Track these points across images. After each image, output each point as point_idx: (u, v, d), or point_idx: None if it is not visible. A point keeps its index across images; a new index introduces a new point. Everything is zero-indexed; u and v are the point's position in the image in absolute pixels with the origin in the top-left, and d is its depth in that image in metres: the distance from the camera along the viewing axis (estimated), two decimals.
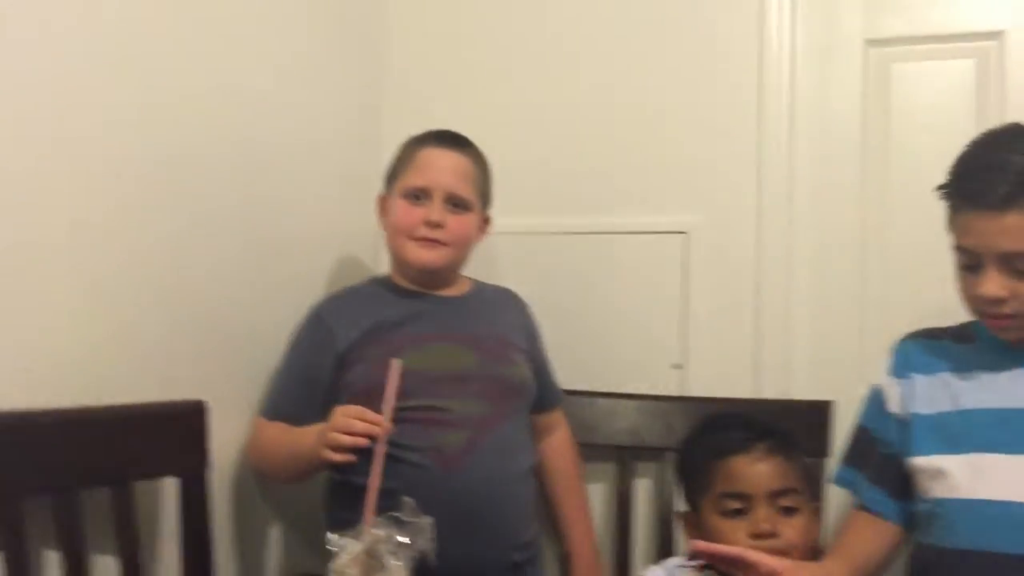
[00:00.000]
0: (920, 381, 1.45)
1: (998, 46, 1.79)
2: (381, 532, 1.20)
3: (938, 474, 1.38)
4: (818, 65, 1.89)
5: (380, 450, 1.31)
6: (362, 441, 1.37)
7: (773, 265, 1.89)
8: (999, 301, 1.32)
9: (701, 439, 1.45)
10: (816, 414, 1.76)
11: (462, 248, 1.71)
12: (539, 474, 1.77)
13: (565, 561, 1.81)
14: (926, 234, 1.49)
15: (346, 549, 1.19)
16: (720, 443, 1.40)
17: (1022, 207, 1.28)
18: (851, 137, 1.87)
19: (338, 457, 1.40)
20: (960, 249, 1.36)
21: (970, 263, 1.35)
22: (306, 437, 1.51)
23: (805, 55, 1.90)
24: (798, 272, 1.88)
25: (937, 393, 1.43)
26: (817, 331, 1.87)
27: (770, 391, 1.86)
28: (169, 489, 1.51)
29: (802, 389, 1.86)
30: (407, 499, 1.22)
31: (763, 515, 1.33)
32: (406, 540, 1.19)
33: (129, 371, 1.46)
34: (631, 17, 1.99)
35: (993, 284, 1.31)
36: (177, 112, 1.55)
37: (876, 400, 1.52)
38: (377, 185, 1.77)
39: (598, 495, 1.93)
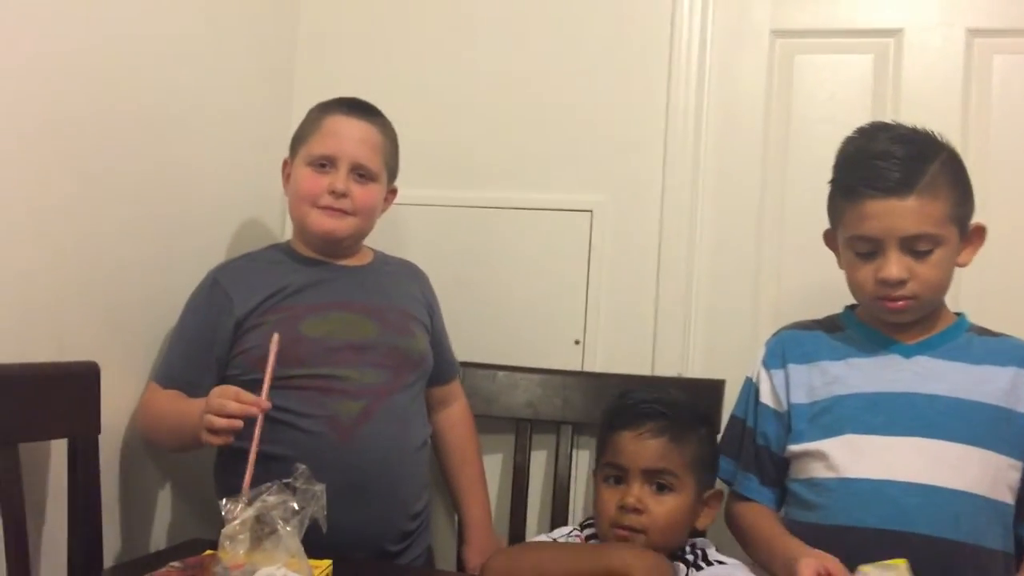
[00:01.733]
0: (796, 371, 1.51)
1: (896, 43, 1.86)
2: (272, 498, 1.19)
3: (819, 456, 1.44)
4: (726, 52, 1.94)
5: (258, 430, 1.30)
6: (237, 423, 1.35)
7: (675, 246, 1.93)
8: (901, 283, 1.39)
9: (609, 410, 1.50)
10: (709, 392, 1.80)
11: (367, 218, 1.70)
12: (435, 445, 1.79)
13: (460, 530, 1.83)
14: (820, 223, 1.54)
15: (237, 514, 1.18)
16: (618, 417, 1.45)
17: (918, 191, 1.37)
18: (754, 125, 1.92)
19: (216, 440, 1.38)
20: (858, 239, 1.42)
21: (869, 250, 1.41)
22: (191, 413, 1.46)
23: (714, 42, 1.94)
24: (698, 254, 1.93)
25: (814, 381, 1.49)
26: (714, 312, 1.93)
27: (667, 369, 1.91)
28: (58, 451, 1.48)
29: (697, 368, 1.92)
30: (301, 465, 1.21)
31: (635, 489, 1.39)
32: (298, 506, 1.20)
33: (20, 330, 1.42)
34: None
35: (896, 266, 1.38)
36: (79, 71, 1.51)
37: (749, 392, 1.58)
38: (286, 151, 1.75)
39: (496, 466, 1.96)
